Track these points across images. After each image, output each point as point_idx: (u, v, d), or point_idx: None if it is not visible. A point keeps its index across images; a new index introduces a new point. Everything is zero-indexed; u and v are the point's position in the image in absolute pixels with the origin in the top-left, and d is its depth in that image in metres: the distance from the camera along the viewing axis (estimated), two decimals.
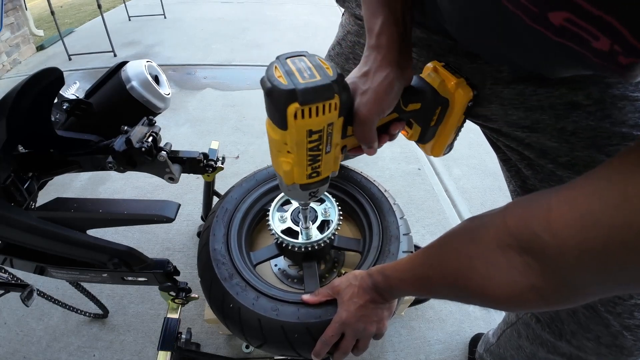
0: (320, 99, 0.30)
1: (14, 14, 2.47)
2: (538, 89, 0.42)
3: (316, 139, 0.33)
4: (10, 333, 0.93)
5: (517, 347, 0.61)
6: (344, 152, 0.41)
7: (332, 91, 0.30)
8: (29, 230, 0.51)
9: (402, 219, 0.72)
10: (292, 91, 0.29)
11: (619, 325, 0.43)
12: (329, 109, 0.31)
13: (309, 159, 0.35)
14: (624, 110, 0.38)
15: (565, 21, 0.25)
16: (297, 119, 0.30)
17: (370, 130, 0.38)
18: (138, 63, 0.70)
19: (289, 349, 0.56)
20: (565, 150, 0.42)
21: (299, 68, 0.30)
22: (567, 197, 0.27)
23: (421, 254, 0.44)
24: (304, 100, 0.29)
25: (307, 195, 0.42)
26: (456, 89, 0.40)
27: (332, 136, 0.34)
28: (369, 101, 0.36)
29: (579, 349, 0.48)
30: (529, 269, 0.30)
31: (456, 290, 0.38)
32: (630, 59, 0.24)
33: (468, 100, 0.41)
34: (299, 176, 0.37)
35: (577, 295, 0.29)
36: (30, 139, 0.60)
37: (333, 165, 0.39)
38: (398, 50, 0.38)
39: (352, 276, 0.54)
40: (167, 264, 0.61)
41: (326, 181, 0.41)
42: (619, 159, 0.25)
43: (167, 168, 0.64)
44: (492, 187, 1.40)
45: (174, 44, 2.69)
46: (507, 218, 0.32)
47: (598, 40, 0.25)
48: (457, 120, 0.44)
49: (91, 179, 1.42)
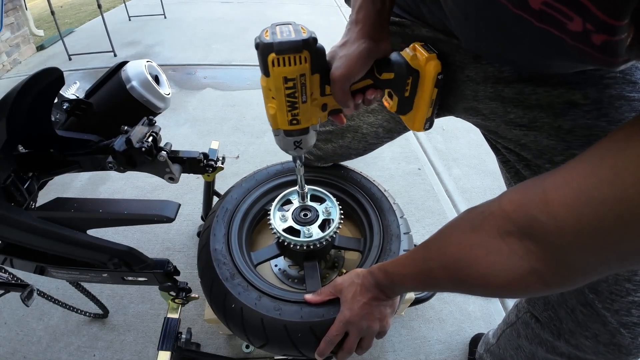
0: (291, 51, 0.38)
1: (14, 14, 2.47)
2: (537, 88, 0.43)
3: (291, 86, 0.41)
4: (10, 333, 0.93)
5: (516, 347, 0.61)
6: (325, 110, 0.47)
7: (301, 46, 0.38)
8: (29, 230, 0.51)
9: (402, 218, 0.72)
10: (271, 44, 0.38)
11: (616, 323, 0.43)
12: (299, 61, 0.39)
13: (288, 104, 0.42)
14: (621, 110, 0.39)
15: (543, 4, 0.26)
16: (274, 66, 0.39)
17: (343, 90, 0.43)
18: (138, 63, 0.70)
19: (292, 348, 0.56)
20: (561, 149, 0.42)
21: (282, 31, 0.39)
22: (562, 178, 0.28)
23: (421, 248, 0.44)
24: (278, 50, 0.38)
25: (292, 144, 0.48)
26: (426, 62, 0.45)
27: (306, 87, 0.41)
28: (342, 65, 0.42)
29: (578, 348, 0.48)
30: (530, 253, 0.30)
31: (458, 281, 0.39)
32: (601, 36, 0.25)
33: (437, 72, 0.45)
34: (282, 121, 0.45)
35: (578, 275, 0.29)
36: (30, 139, 0.59)
37: (312, 117, 0.46)
38: (372, 25, 0.43)
39: (354, 274, 0.54)
40: (167, 264, 0.61)
41: (306, 132, 0.47)
42: (609, 138, 0.26)
43: (167, 168, 0.64)
44: (492, 187, 1.40)
45: (174, 44, 2.69)
46: (504, 204, 0.33)
47: (572, 20, 0.26)
48: (429, 92, 0.48)
49: (91, 179, 1.42)
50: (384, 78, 0.46)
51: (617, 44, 0.25)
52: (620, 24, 0.23)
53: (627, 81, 0.39)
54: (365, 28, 0.43)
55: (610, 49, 0.26)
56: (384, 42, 0.44)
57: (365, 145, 0.73)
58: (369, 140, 0.72)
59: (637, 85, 0.39)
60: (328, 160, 0.80)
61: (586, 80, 0.40)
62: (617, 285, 0.42)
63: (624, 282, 0.42)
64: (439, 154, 1.57)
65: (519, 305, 0.61)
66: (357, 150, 0.75)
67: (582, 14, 0.25)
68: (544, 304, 0.51)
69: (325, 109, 0.47)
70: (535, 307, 0.53)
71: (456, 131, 1.69)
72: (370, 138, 0.71)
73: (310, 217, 0.67)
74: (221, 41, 2.74)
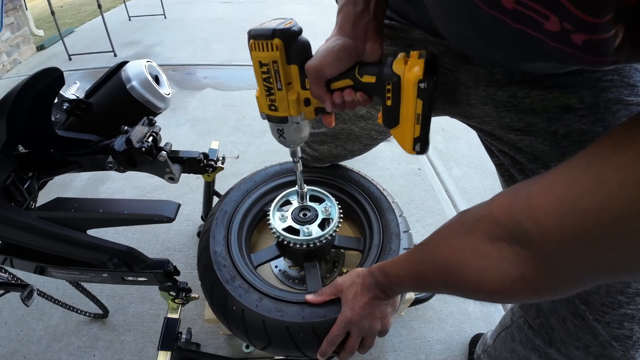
0: (262, 38, 0.42)
1: (14, 14, 2.47)
2: (531, 92, 0.42)
3: (265, 71, 0.44)
4: (10, 333, 0.93)
5: (511, 350, 0.61)
6: (308, 106, 0.48)
7: (271, 35, 0.41)
8: (29, 230, 0.51)
9: (401, 216, 0.72)
10: (250, 30, 0.43)
11: (607, 335, 0.42)
12: (270, 48, 0.42)
13: (265, 89, 0.46)
14: (618, 115, 0.38)
15: (516, 4, 0.25)
16: (251, 50, 0.43)
17: (315, 83, 0.44)
18: (138, 63, 0.70)
19: (294, 349, 0.56)
20: (556, 154, 0.41)
21: (272, 22, 0.43)
22: (547, 184, 0.27)
23: (417, 250, 0.44)
24: (253, 35, 0.42)
25: (276, 131, 0.52)
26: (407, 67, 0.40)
27: (280, 75, 0.44)
28: (315, 58, 0.43)
29: (569, 357, 0.47)
30: (519, 259, 0.30)
31: (451, 285, 0.38)
32: (581, 35, 0.23)
33: (416, 79, 0.39)
34: (263, 105, 0.48)
35: (567, 284, 0.28)
36: (31, 138, 0.59)
37: (290, 108, 0.47)
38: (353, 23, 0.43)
39: (355, 274, 0.54)
40: (167, 264, 0.61)
41: (285, 120, 0.49)
42: (596, 145, 0.25)
43: (167, 168, 0.64)
44: (492, 187, 1.40)
45: (174, 44, 2.69)
46: (494, 208, 0.32)
47: (548, 19, 0.24)
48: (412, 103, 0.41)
49: (91, 179, 1.42)
50: (365, 81, 0.44)
51: (601, 43, 0.23)
52: (601, 21, 0.22)
53: (625, 84, 0.38)
54: (345, 27, 0.43)
55: (593, 48, 0.24)
56: (370, 43, 0.42)
57: (360, 147, 0.73)
58: (364, 141, 0.72)
59: (636, 88, 0.37)
60: (325, 160, 0.80)
61: (582, 83, 0.39)
62: (609, 297, 0.41)
63: (616, 294, 0.40)
64: (439, 154, 1.57)
65: (513, 309, 0.61)
66: (353, 151, 0.75)
67: (558, 12, 0.23)
68: (536, 311, 0.51)
69: (308, 103, 0.48)
70: (528, 314, 0.53)
71: (456, 131, 1.69)
72: (364, 139, 0.71)
73: (309, 216, 0.67)
74: (221, 41, 2.74)
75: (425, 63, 0.39)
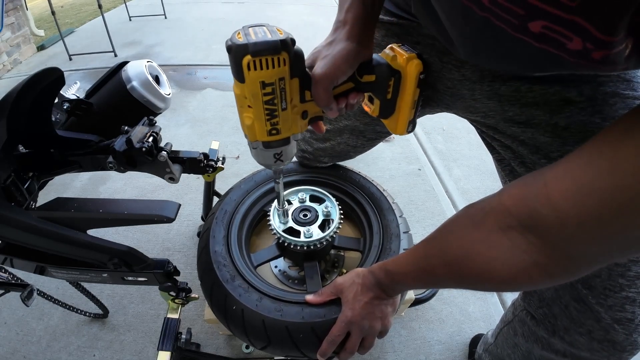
0: (268, 52, 0.34)
1: (14, 14, 2.47)
2: (533, 86, 0.43)
3: (270, 91, 0.36)
4: (10, 333, 0.93)
5: (513, 345, 0.61)
6: (305, 118, 0.44)
7: (280, 47, 0.34)
8: (29, 230, 0.51)
9: (401, 217, 0.72)
10: (245, 45, 0.34)
11: (610, 319, 0.43)
12: (278, 63, 0.35)
13: (267, 112, 0.38)
14: (615, 107, 0.40)
15: (543, 28, 0.27)
16: (250, 70, 0.34)
17: (326, 91, 0.41)
18: (138, 63, 0.70)
19: (294, 349, 0.56)
20: (557, 145, 0.43)
21: (256, 32, 0.35)
22: (563, 171, 0.28)
23: (422, 246, 0.44)
24: (254, 52, 0.34)
25: (272, 157, 0.44)
26: (407, 62, 0.44)
27: (286, 92, 0.38)
28: (325, 65, 0.40)
29: (572, 345, 0.48)
30: (532, 246, 0.31)
31: (460, 277, 0.39)
32: (601, 52, 0.26)
33: (419, 72, 0.44)
34: (260, 132, 0.40)
35: (580, 265, 0.30)
36: (31, 139, 0.59)
37: (293, 126, 0.42)
38: (361, 27, 0.42)
39: (355, 274, 0.54)
40: (167, 264, 0.61)
41: (287, 142, 0.43)
42: (607, 132, 0.27)
43: (167, 168, 0.64)
44: (492, 188, 1.40)
45: (175, 44, 2.69)
46: (505, 199, 0.33)
47: (572, 40, 0.26)
48: (412, 93, 0.46)
49: (91, 179, 1.42)
50: (365, 81, 0.44)
51: (616, 56, 0.26)
52: (617, 39, 0.24)
53: (622, 79, 0.40)
54: (354, 29, 0.41)
55: (609, 61, 0.26)
56: (369, 45, 0.44)
57: (363, 142, 0.73)
58: (367, 135, 0.72)
59: (632, 83, 0.40)
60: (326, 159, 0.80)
61: (581, 77, 0.41)
62: (610, 281, 0.42)
63: (617, 277, 0.42)
64: (439, 155, 1.57)
65: (515, 303, 0.61)
66: (356, 147, 0.75)
67: (581, 34, 0.25)
68: (538, 301, 0.52)
69: (305, 116, 0.44)
70: (531, 304, 0.54)
71: (456, 131, 1.69)
72: (368, 133, 0.71)
73: (310, 217, 0.67)
74: (222, 41, 2.73)
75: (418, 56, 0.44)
